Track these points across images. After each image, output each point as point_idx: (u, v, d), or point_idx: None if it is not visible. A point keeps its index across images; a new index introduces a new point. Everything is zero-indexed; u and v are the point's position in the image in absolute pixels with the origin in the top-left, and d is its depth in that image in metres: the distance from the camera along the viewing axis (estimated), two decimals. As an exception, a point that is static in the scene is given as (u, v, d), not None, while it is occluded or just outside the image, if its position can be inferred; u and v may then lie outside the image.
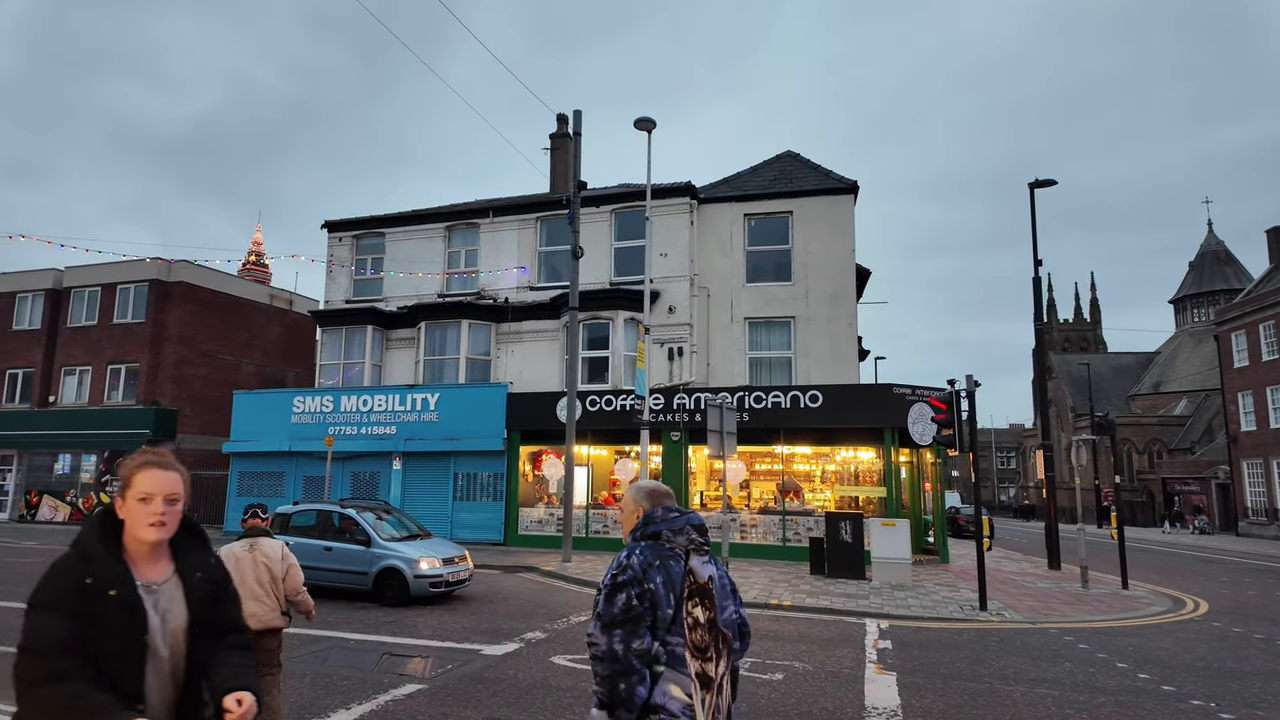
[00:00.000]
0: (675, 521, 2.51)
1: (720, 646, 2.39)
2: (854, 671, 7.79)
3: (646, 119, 16.51)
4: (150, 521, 2.02)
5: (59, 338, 27.09)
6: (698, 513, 2.77)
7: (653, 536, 2.50)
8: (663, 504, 2.58)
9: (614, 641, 2.28)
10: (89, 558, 2.00)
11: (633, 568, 2.38)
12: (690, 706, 2.28)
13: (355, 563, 11.38)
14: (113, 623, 1.94)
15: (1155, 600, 13.53)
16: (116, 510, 2.06)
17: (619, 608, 2.32)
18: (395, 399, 21.13)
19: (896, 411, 16.99)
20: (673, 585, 2.37)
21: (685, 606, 2.37)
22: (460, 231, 23.20)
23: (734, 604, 2.52)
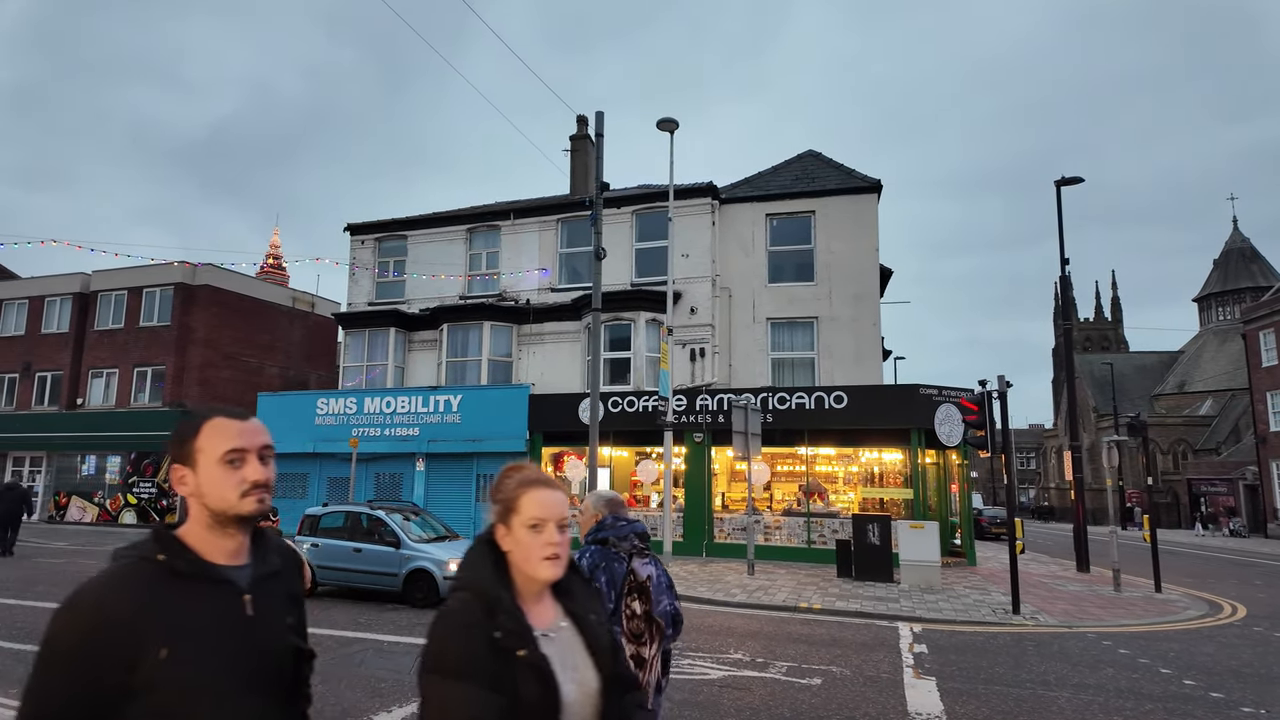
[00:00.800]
0: (621, 530, 2.94)
1: (653, 633, 2.83)
2: (892, 676, 7.70)
3: (669, 120, 16.47)
4: (546, 554, 1.60)
5: (86, 340, 27.47)
6: (641, 522, 3.18)
7: (601, 542, 2.91)
8: (615, 513, 3.01)
9: None
10: (495, 604, 1.53)
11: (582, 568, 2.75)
12: None
13: (385, 564, 11.42)
14: (530, 695, 1.49)
15: (1191, 604, 13.30)
16: (498, 540, 1.64)
17: None
18: (418, 400, 21.21)
19: (923, 412, 16.83)
20: (615, 583, 2.82)
21: (625, 600, 2.81)
22: (481, 233, 23.26)
23: (669, 598, 2.92)
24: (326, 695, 6.55)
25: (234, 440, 1.46)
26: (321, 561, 11.89)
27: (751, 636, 9.49)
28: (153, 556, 1.39)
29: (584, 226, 21.23)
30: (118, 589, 1.34)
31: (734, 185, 21.48)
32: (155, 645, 1.30)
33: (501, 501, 1.66)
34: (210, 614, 1.38)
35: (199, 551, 1.43)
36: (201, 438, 1.46)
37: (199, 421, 1.49)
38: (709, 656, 8.32)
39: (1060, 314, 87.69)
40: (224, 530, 1.45)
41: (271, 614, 1.48)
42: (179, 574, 1.38)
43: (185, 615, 1.35)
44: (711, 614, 11.14)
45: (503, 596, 1.55)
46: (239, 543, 1.48)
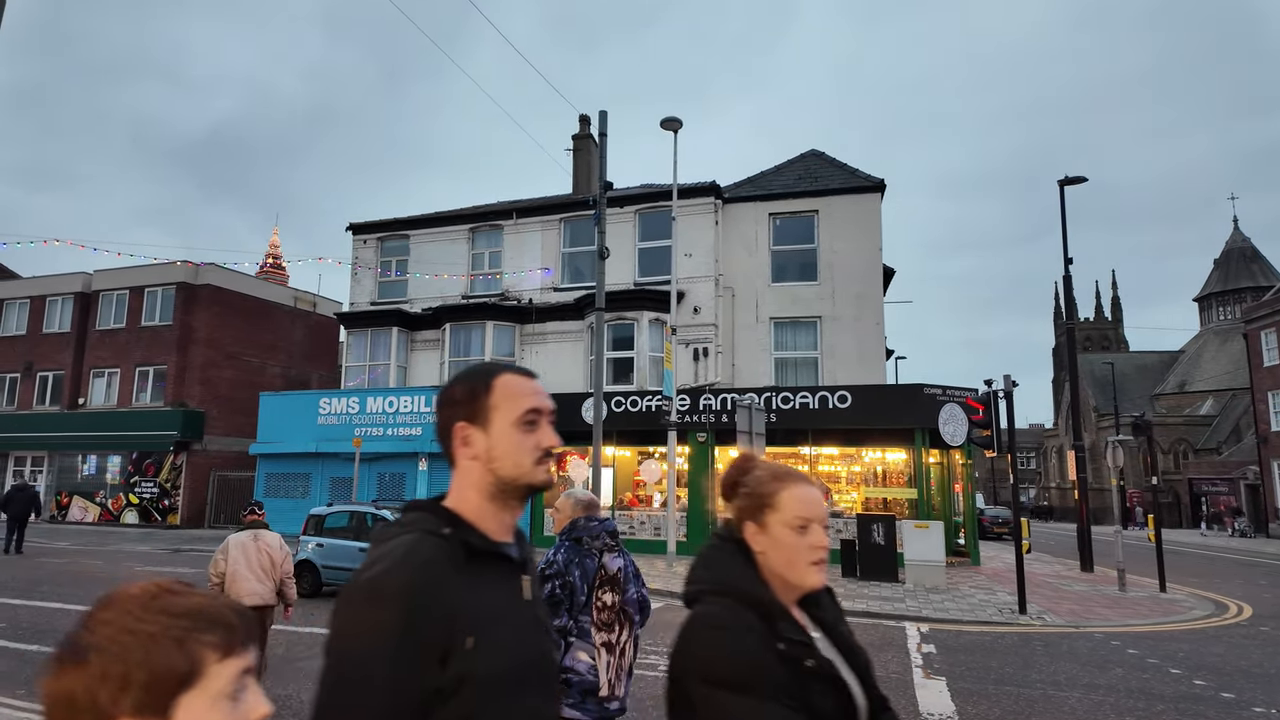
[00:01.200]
0: (594, 529, 3.19)
1: (623, 621, 3.11)
2: (902, 676, 7.68)
3: (673, 119, 16.44)
4: (814, 559, 1.42)
5: (88, 340, 27.43)
6: (612, 520, 3.43)
7: (575, 540, 3.16)
8: (588, 514, 3.26)
9: None
10: (770, 612, 1.36)
11: (558, 563, 3.07)
12: (594, 667, 2.99)
13: (390, 564, 11.37)
14: (825, 710, 1.32)
15: (1196, 604, 13.29)
16: (748, 539, 1.45)
17: (545, 594, 2.95)
18: (421, 400, 21.18)
19: (927, 412, 16.82)
20: (587, 578, 3.06)
21: (596, 593, 3.05)
22: (484, 233, 23.24)
23: (636, 587, 3.20)
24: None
25: (531, 399, 1.29)
26: (326, 561, 11.87)
27: (759, 636, 9.47)
28: (437, 530, 1.20)
29: (587, 226, 21.21)
30: (423, 568, 1.13)
31: (737, 185, 21.47)
32: (463, 634, 1.13)
33: (752, 496, 1.46)
34: (503, 597, 1.22)
35: (479, 526, 1.24)
36: (496, 394, 1.28)
37: (489, 376, 1.30)
38: (718, 657, 8.30)
39: (1063, 313, 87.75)
40: (506, 502, 1.27)
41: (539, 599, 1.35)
42: (472, 551, 1.20)
43: (483, 598, 1.17)
44: (718, 614, 11.11)
45: (775, 602, 1.37)
46: (515, 518, 1.32)
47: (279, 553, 6.36)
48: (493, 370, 1.32)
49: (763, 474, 1.49)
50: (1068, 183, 19.60)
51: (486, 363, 1.35)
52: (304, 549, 12.09)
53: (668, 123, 16.50)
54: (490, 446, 1.26)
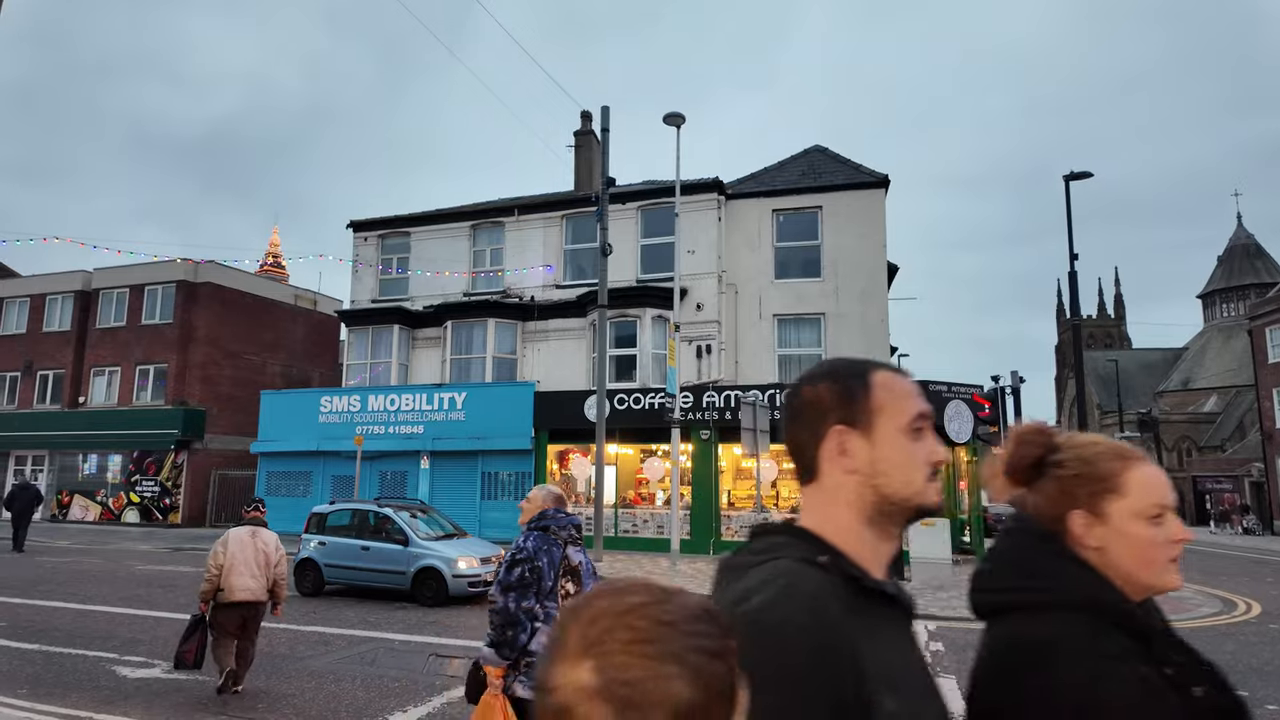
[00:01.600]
0: (561, 521, 3.44)
1: None
2: (911, 675, 7.59)
3: (676, 114, 16.32)
4: (1173, 555, 1.16)
5: (88, 339, 27.35)
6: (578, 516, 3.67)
7: (543, 529, 3.38)
8: (557, 506, 3.51)
9: (509, 600, 3.18)
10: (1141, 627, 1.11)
11: (527, 550, 3.30)
12: None
13: (393, 562, 11.30)
14: None
15: (1204, 601, 13.19)
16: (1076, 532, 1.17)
17: (515, 577, 3.21)
18: (422, 398, 21.10)
19: (932, 409, 16.70)
20: (554, 565, 3.28)
21: (560, 581, 3.26)
22: (485, 230, 23.14)
23: (593, 583, 3.39)
24: (339, 695, 6.44)
25: (917, 402, 1.06)
26: (329, 560, 11.79)
27: (765, 635, 9.38)
28: (813, 559, 0.96)
29: (589, 223, 21.10)
30: (814, 603, 0.88)
31: (740, 181, 21.35)
32: (877, 691, 0.87)
33: (1084, 479, 1.17)
34: (902, 650, 0.97)
35: (855, 556, 0.99)
36: (878, 394, 1.04)
37: (864, 373, 1.06)
38: (724, 655, 8.20)
39: (1067, 311, 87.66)
40: (886, 529, 1.04)
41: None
42: (858, 587, 0.95)
43: (880, 648, 0.91)
44: (723, 612, 11.02)
45: (1137, 614, 1.11)
46: (893, 550, 1.07)
47: (274, 552, 6.60)
48: (865, 366, 1.07)
49: (1100, 450, 1.19)
50: (1073, 178, 19.44)
51: (848, 359, 1.10)
52: (306, 547, 12.01)
53: (670, 118, 16.38)
54: (876, 459, 1.02)
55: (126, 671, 7.08)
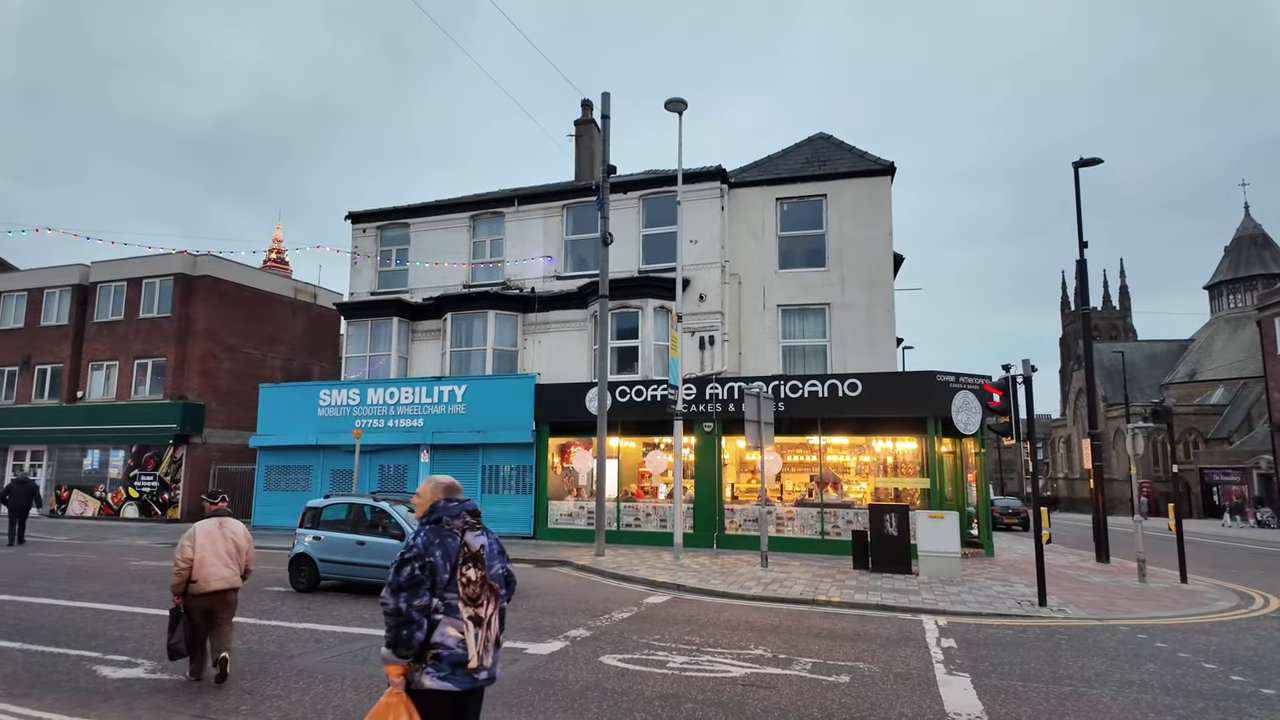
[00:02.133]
0: (453, 509, 3.33)
1: (489, 595, 3.31)
2: (923, 673, 7.31)
3: (678, 100, 16.00)
4: None
5: (86, 333, 27.13)
6: (472, 501, 3.56)
7: (435, 522, 3.29)
8: (448, 495, 3.40)
9: (400, 601, 3.10)
10: None
11: (418, 546, 3.20)
12: (463, 641, 3.16)
13: (390, 557, 11.03)
14: None
15: (1220, 595, 12.89)
16: None
17: (405, 577, 3.14)
18: (422, 391, 20.85)
19: (940, 400, 16.41)
20: (449, 556, 3.21)
21: (460, 570, 3.21)
22: (485, 221, 22.84)
23: (501, 563, 3.46)
24: (327, 696, 6.18)
25: None
26: (324, 555, 11.54)
27: (771, 631, 9.11)
28: None
29: (590, 213, 20.79)
30: None
31: (743, 169, 21.01)
32: None
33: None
34: None
35: None
36: None
37: None
38: (729, 653, 7.93)
39: (1071, 303, 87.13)
40: None
41: None
42: None
43: None
44: (727, 608, 10.76)
45: None
46: None
47: (244, 540, 6.79)
48: None
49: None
50: (1082, 164, 19.09)
51: None
52: (300, 542, 11.77)
53: (672, 104, 16.07)
54: None
55: (108, 671, 6.83)
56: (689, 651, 7.92)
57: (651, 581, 12.69)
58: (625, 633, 8.83)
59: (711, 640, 8.51)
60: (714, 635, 8.79)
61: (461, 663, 3.17)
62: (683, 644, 8.28)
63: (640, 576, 13.06)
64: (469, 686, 3.21)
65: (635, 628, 9.16)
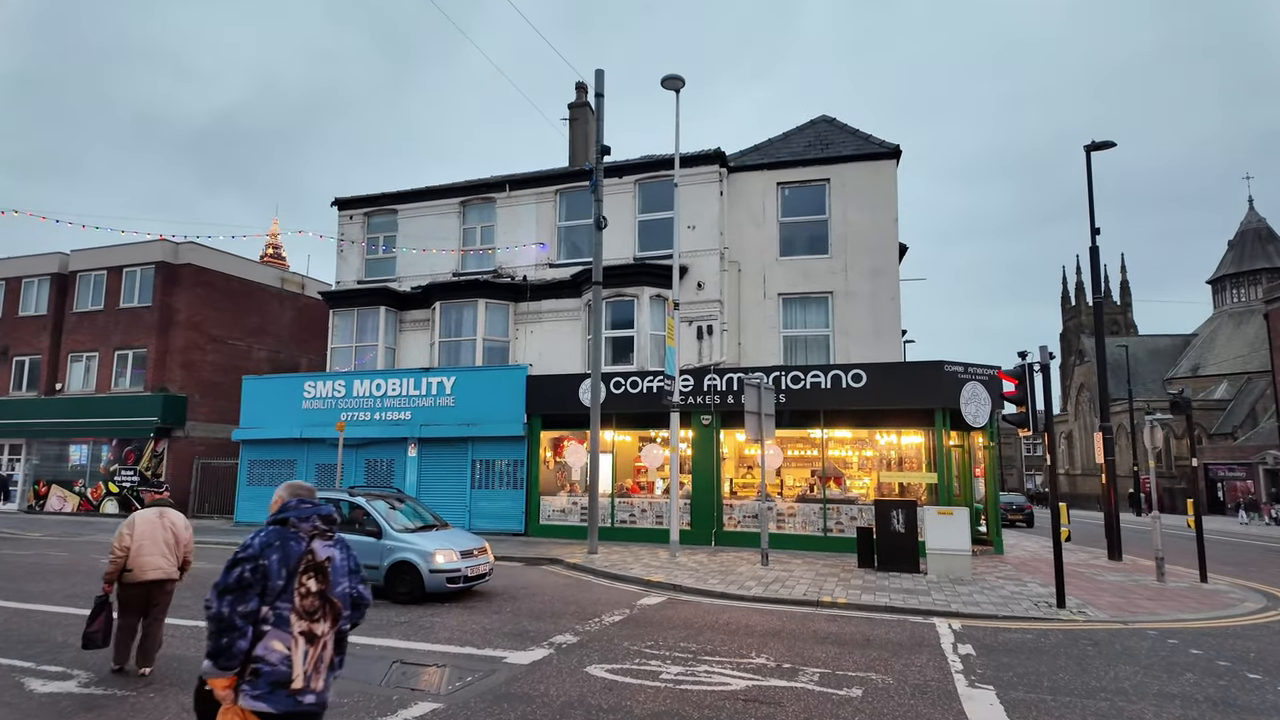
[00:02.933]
0: (304, 511, 3.07)
1: (329, 612, 2.98)
2: (942, 684, 6.63)
3: (674, 76, 15.28)
4: None
5: (65, 323, 26.33)
6: (330, 506, 3.20)
7: (281, 522, 3.04)
8: (299, 496, 3.16)
9: (223, 606, 2.82)
10: None
11: (253, 547, 2.93)
12: (289, 657, 2.84)
13: (365, 555, 10.29)
14: None
15: (1244, 595, 12.23)
16: None
17: (233, 579, 2.86)
18: (410, 383, 20.13)
19: (948, 391, 15.72)
20: (287, 561, 2.90)
21: (300, 578, 2.90)
22: (476, 207, 22.08)
23: (350, 582, 3.15)
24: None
25: None
26: (297, 553, 10.84)
27: (773, 636, 8.43)
28: None
29: (584, 198, 20.06)
30: None
31: (743, 153, 20.27)
32: None
33: None
34: None
35: None
36: None
37: None
38: (729, 662, 7.25)
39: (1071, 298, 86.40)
40: None
41: None
42: None
43: None
44: (726, 610, 10.07)
45: None
46: None
47: (184, 531, 6.70)
48: None
49: None
50: (1095, 148, 18.37)
51: None
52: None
53: (669, 81, 15.34)
54: None
55: (37, 684, 6.13)
56: (684, 660, 7.24)
57: (646, 581, 12.01)
58: (616, 638, 8.15)
59: (709, 647, 7.82)
60: (712, 641, 8.10)
61: (284, 682, 2.84)
62: (678, 651, 7.59)
63: (634, 576, 12.38)
64: (288, 710, 2.86)
65: (627, 633, 8.48)
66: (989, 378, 16.16)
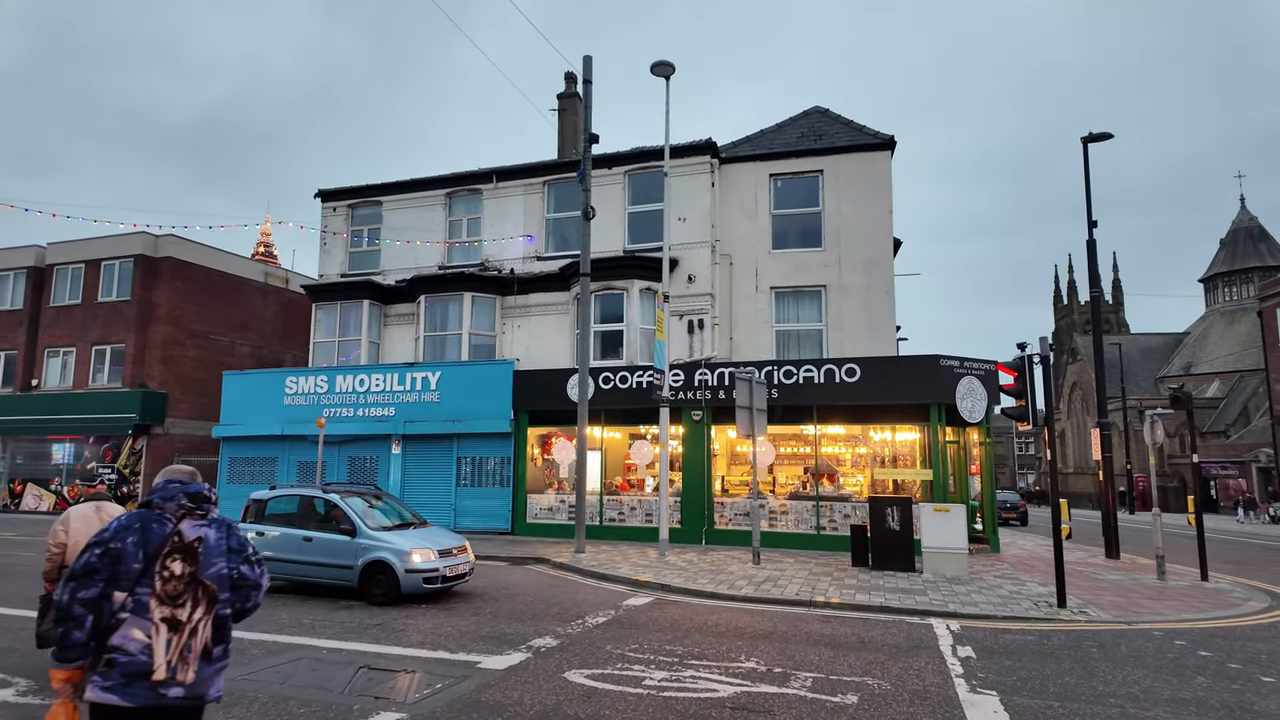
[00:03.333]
0: (170, 491, 2.91)
1: (199, 596, 2.78)
2: (943, 690, 6.25)
3: (664, 62, 14.88)
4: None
5: (42, 318, 25.70)
6: (202, 485, 2.93)
7: (146, 504, 2.90)
8: (170, 478, 2.98)
9: (64, 592, 2.71)
10: None
11: (108, 530, 2.81)
12: (149, 647, 2.67)
13: (338, 555, 9.91)
14: None
15: (1247, 594, 11.93)
16: None
17: (80, 564, 2.75)
18: (394, 378, 19.65)
19: (944, 386, 15.37)
20: (147, 544, 2.76)
21: (163, 561, 2.75)
22: (462, 198, 21.61)
23: (229, 562, 2.89)
24: (224, 727, 5.05)
25: None
26: (268, 552, 10.38)
27: (764, 638, 8.03)
28: None
29: (572, 190, 19.63)
30: None
31: (735, 144, 19.87)
32: None
33: None
34: None
35: None
36: None
37: None
38: (717, 666, 6.84)
39: (1063, 296, 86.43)
40: None
41: None
42: None
43: None
44: (715, 610, 9.68)
45: None
46: None
47: None
48: None
49: None
50: (1092, 139, 18.05)
51: None
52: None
53: (659, 67, 14.93)
54: None
55: (-31, 694, 5.68)
56: (670, 665, 6.83)
57: (633, 581, 11.60)
58: (598, 641, 7.73)
59: (696, 650, 7.42)
60: (699, 644, 7.70)
61: (143, 673, 2.63)
62: (663, 655, 7.19)
63: (622, 575, 11.97)
64: (148, 703, 2.64)
65: (611, 635, 8.07)
66: (985, 372, 15.83)
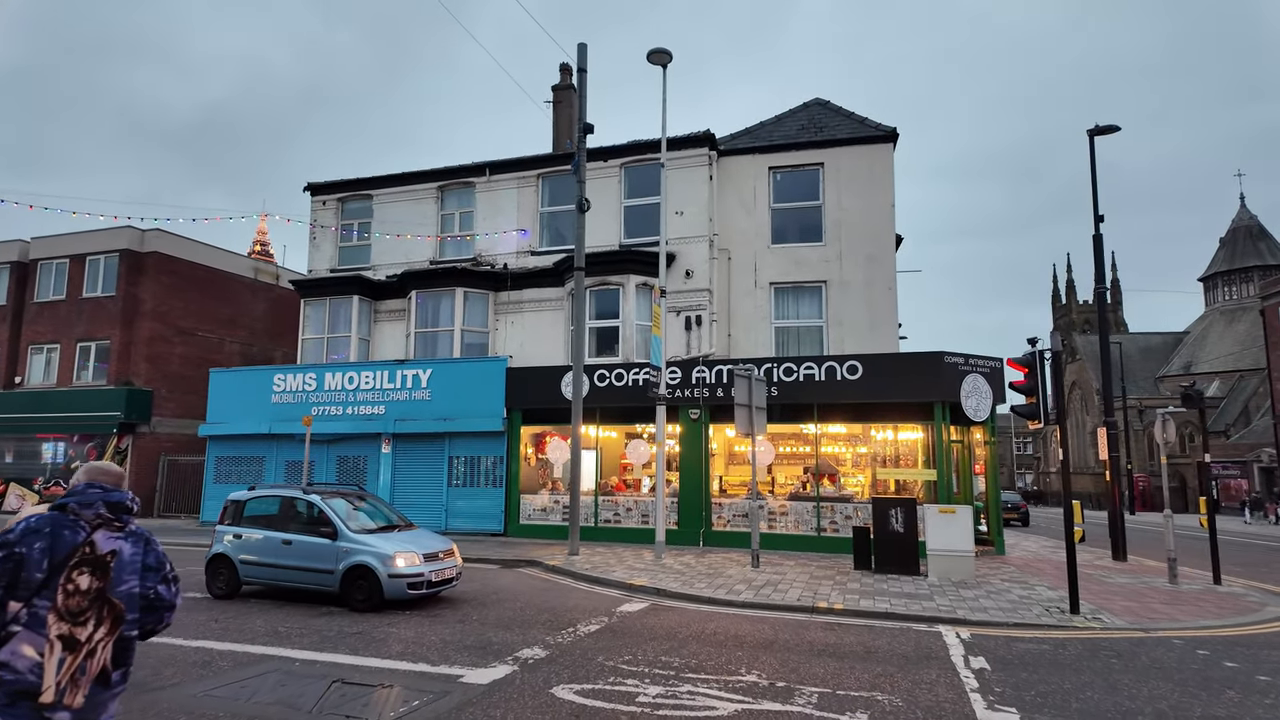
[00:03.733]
0: (89, 497, 2.70)
1: (104, 614, 2.59)
2: (958, 707, 5.82)
3: (661, 50, 14.45)
4: None
5: (26, 314, 25.17)
6: (124, 493, 2.67)
7: (60, 508, 2.69)
8: (92, 480, 2.78)
9: None
10: None
11: (13, 533, 2.58)
12: (39, 665, 2.46)
13: (318, 559, 9.45)
14: None
15: (1264, 599, 11.53)
16: None
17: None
18: (384, 376, 19.19)
19: (949, 384, 14.96)
20: (54, 552, 2.55)
21: (69, 573, 2.54)
22: (454, 192, 21.15)
23: (145, 581, 2.72)
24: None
25: None
26: (246, 555, 9.94)
27: (765, 648, 7.60)
28: None
29: (567, 183, 19.17)
30: None
31: (734, 136, 19.44)
32: None
33: None
34: None
35: None
36: None
37: None
38: (715, 681, 6.41)
39: (1062, 296, 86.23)
40: None
41: None
42: None
43: None
44: (714, 617, 9.24)
45: None
46: None
47: None
48: None
49: None
50: (1098, 132, 17.68)
51: None
52: (220, 541, 10.16)
53: (655, 55, 14.51)
54: None
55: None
56: (665, 679, 6.39)
57: (628, 585, 11.17)
58: (590, 652, 7.29)
59: (694, 662, 6.98)
60: (697, 655, 7.26)
61: (29, 693, 2.44)
62: (658, 668, 6.75)
63: (616, 579, 11.54)
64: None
65: (603, 645, 7.63)
66: (990, 370, 15.42)
